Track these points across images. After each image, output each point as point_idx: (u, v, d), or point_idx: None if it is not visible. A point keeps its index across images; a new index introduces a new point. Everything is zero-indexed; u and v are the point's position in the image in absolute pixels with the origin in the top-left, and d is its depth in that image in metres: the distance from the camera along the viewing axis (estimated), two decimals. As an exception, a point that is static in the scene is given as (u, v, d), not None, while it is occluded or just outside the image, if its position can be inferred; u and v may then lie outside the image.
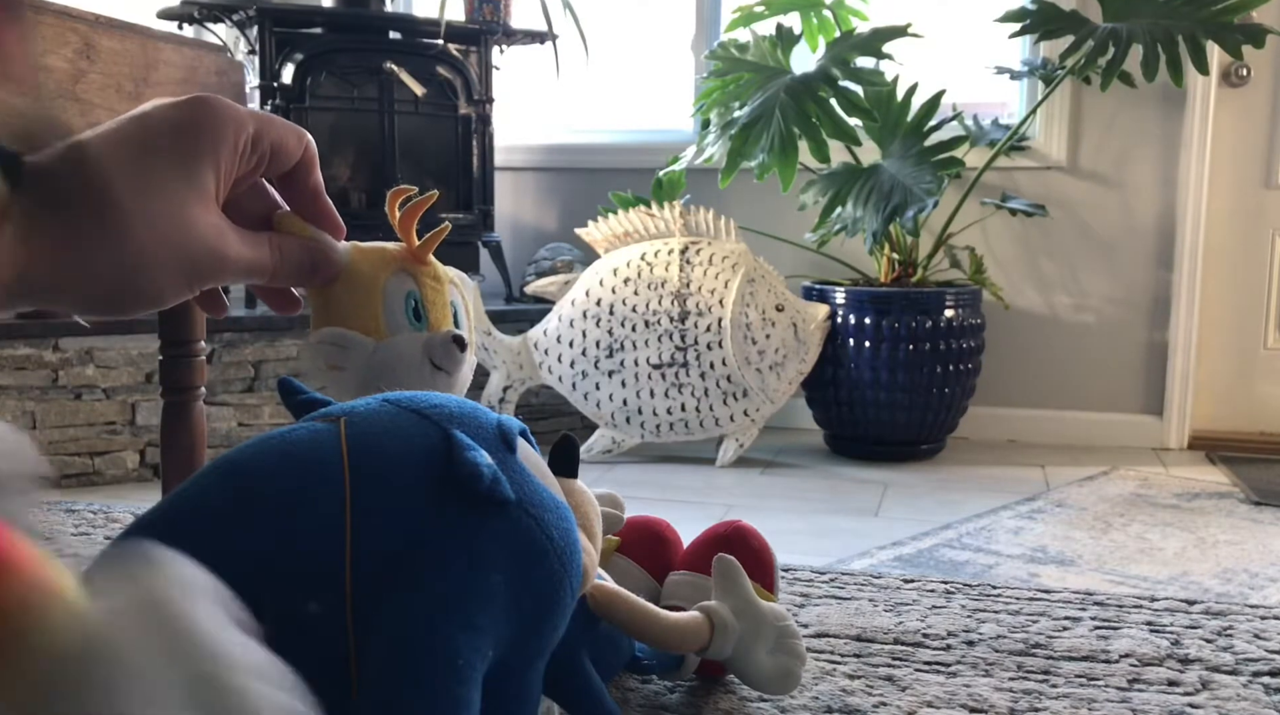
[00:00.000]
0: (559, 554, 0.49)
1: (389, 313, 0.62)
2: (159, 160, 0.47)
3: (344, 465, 0.46)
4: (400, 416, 0.49)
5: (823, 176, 2.50)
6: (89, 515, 1.80)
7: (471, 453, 0.47)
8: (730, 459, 2.38)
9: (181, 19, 2.57)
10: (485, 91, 2.72)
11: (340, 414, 0.49)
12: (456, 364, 0.63)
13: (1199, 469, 2.40)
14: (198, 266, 0.49)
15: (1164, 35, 2.21)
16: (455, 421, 0.49)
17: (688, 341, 2.37)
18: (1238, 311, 2.67)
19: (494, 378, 2.47)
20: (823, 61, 2.34)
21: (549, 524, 0.49)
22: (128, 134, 0.47)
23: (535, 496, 0.49)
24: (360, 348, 0.62)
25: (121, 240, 0.45)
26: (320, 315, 0.62)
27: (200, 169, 0.48)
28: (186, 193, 0.47)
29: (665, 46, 3.05)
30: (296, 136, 0.54)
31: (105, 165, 0.46)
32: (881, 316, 2.35)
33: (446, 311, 0.66)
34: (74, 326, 2.10)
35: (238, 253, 0.51)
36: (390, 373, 0.62)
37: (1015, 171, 2.69)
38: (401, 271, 0.64)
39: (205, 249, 0.49)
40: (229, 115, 0.49)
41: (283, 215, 0.57)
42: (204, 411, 1.21)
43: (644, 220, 2.45)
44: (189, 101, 0.49)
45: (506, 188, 2.97)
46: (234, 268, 0.51)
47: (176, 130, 0.48)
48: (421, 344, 0.63)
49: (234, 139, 0.49)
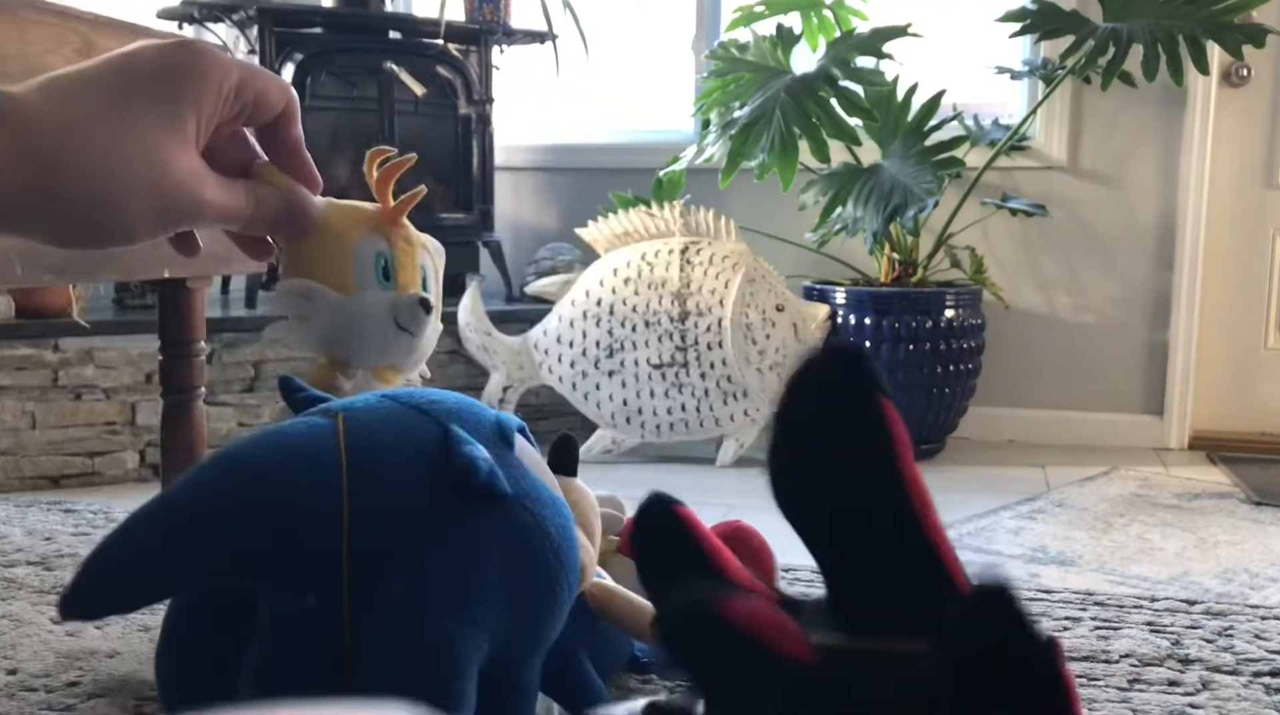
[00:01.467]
0: (556, 549, 0.49)
1: (358, 269, 0.63)
2: (140, 97, 0.47)
3: (342, 460, 0.46)
4: (398, 412, 0.49)
5: (823, 176, 2.50)
6: (89, 515, 1.79)
7: (468, 447, 0.47)
8: (730, 459, 2.38)
9: (181, 19, 2.57)
10: (485, 91, 2.72)
11: (339, 410, 0.49)
12: (420, 326, 0.64)
13: (1199, 469, 2.40)
14: (172, 206, 0.49)
15: (1164, 35, 2.21)
16: (453, 417, 0.49)
17: (688, 341, 2.37)
18: (1238, 311, 2.67)
19: (494, 378, 2.47)
20: (823, 61, 2.34)
21: (546, 519, 0.49)
22: (111, 70, 0.48)
23: (533, 492, 0.49)
24: (326, 301, 0.62)
25: (92, 170, 0.46)
26: (291, 267, 0.63)
27: (181, 110, 0.48)
28: (165, 131, 0.48)
29: (665, 46, 3.05)
30: (279, 88, 0.54)
31: (84, 97, 0.46)
32: (882, 316, 2.35)
33: (416, 274, 0.67)
34: (74, 327, 2.10)
35: (214, 197, 0.51)
36: (354, 328, 0.62)
37: (1015, 171, 2.69)
38: (374, 231, 0.65)
39: (181, 189, 0.49)
40: (214, 60, 0.50)
41: (262, 166, 0.57)
42: (204, 411, 1.21)
43: (644, 220, 2.45)
44: (176, 44, 0.49)
45: (506, 188, 2.97)
46: (209, 211, 0.51)
47: (160, 70, 0.48)
48: (388, 303, 0.64)
49: (218, 84, 0.50)
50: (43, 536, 1.63)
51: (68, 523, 1.72)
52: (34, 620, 1.22)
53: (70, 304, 2.14)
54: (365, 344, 0.63)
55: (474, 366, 2.52)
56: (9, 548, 1.56)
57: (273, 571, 0.45)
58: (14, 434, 2.08)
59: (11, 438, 2.08)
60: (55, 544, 1.59)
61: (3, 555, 1.52)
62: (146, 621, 1.21)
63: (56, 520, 1.74)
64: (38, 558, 1.51)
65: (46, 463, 2.11)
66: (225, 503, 0.45)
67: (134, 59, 0.48)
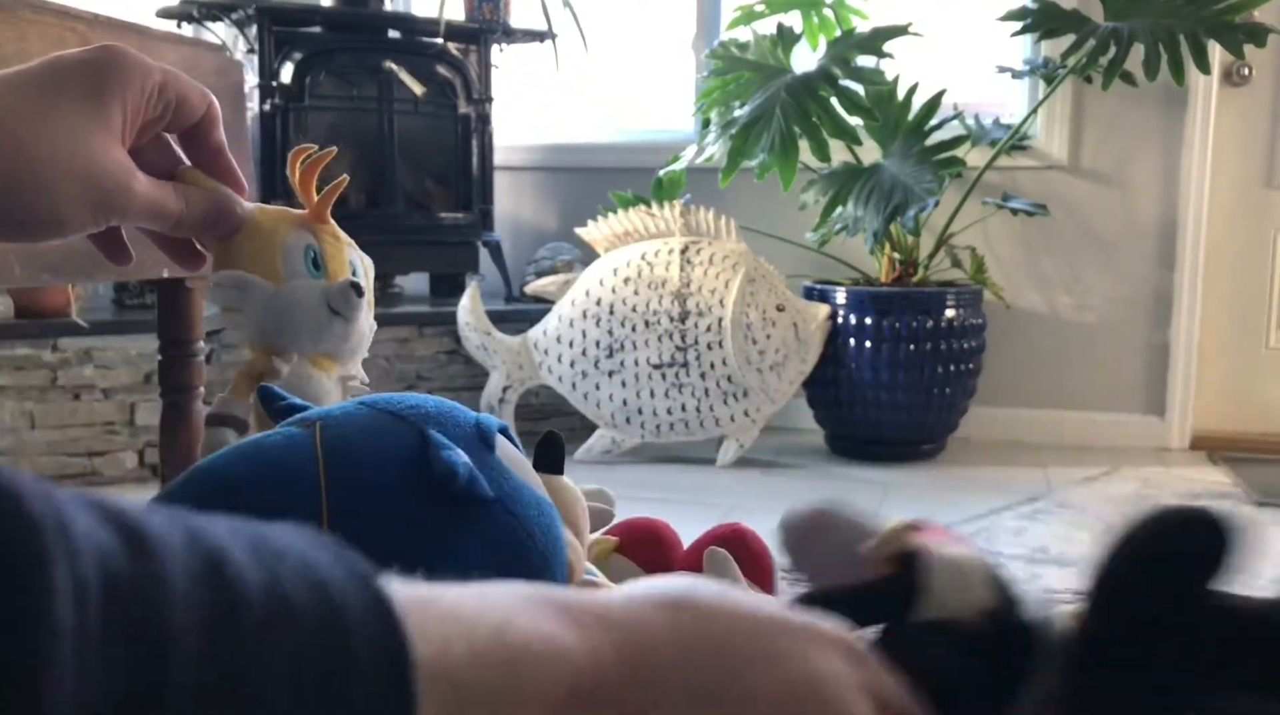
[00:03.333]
0: (541, 551, 0.49)
1: (288, 262, 0.64)
2: (66, 91, 0.49)
3: (319, 469, 0.45)
4: (376, 418, 0.49)
5: (823, 176, 2.49)
6: (88, 515, 1.79)
7: (447, 452, 0.46)
8: (730, 459, 2.38)
9: (181, 18, 2.57)
10: (485, 91, 2.72)
11: (315, 418, 0.49)
12: (354, 309, 0.65)
13: (1201, 469, 2.40)
14: (102, 196, 0.50)
15: (1165, 34, 2.20)
16: (431, 421, 0.49)
17: (688, 341, 2.37)
18: (1240, 311, 2.67)
19: (494, 378, 2.47)
20: (823, 61, 2.34)
21: (530, 520, 0.49)
22: (38, 68, 0.49)
23: (515, 494, 0.49)
24: (259, 291, 0.63)
25: (19, 154, 0.46)
26: (220, 262, 0.64)
27: (107, 104, 0.50)
28: (91, 122, 0.49)
29: (665, 46, 3.04)
30: (200, 93, 0.55)
31: (11, 91, 0.48)
32: (882, 316, 2.35)
33: (345, 266, 0.68)
34: (73, 327, 2.09)
35: (144, 189, 0.52)
36: (289, 316, 0.63)
37: (1016, 171, 2.68)
38: (301, 228, 0.66)
39: (110, 179, 0.50)
40: (137, 60, 0.51)
41: (186, 169, 0.58)
42: (203, 412, 1.20)
43: (644, 220, 2.44)
44: (97, 47, 0.51)
45: (506, 187, 2.96)
46: (139, 205, 0.52)
47: (85, 67, 0.50)
48: (320, 290, 0.64)
49: (140, 82, 0.51)
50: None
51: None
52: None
53: (69, 304, 2.13)
54: (300, 331, 0.64)
55: (474, 366, 2.52)
56: (8, 548, 1.56)
57: None
58: (13, 434, 2.08)
59: (10, 438, 2.08)
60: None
61: (1, 556, 1.52)
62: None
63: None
64: (36, 558, 1.51)
65: (45, 463, 2.10)
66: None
67: (60, 59, 0.50)
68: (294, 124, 2.55)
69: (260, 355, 0.66)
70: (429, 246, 2.73)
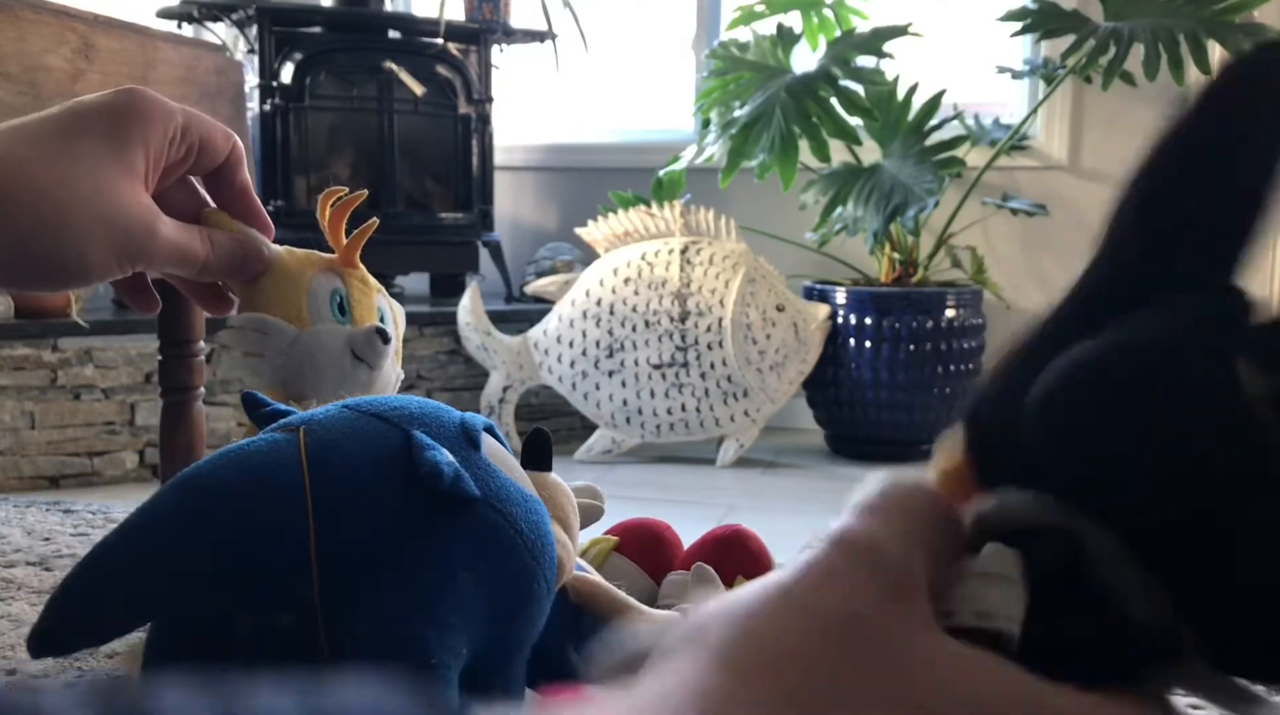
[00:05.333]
0: (529, 548, 0.49)
1: (313, 306, 0.63)
2: (89, 135, 0.48)
3: (304, 473, 0.45)
4: (359, 421, 0.49)
5: (823, 176, 2.49)
6: (88, 516, 1.79)
7: (431, 452, 0.46)
8: (730, 459, 2.38)
9: (181, 18, 2.57)
10: (485, 91, 2.72)
11: (299, 423, 0.49)
12: (378, 356, 0.63)
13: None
14: (127, 241, 0.49)
15: (1165, 34, 2.20)
16: (415, 422, 0.49)
17: (688, 341, 2.37)
18: (1239, 311, 2.67)
19: (494, 378, 2.47)
20: (823, 61, 2.34)
21: (517, 518, 0.49)
22: (61, 113, 0.49)
23: (502, 492, 0.49)
24: (281, 334, 0.62)
25: (43, 198, 0.46)
26: (245, 304, 0.63)
27: (130, 147, 0.49)
28: (115, 166, 0.48)
29: (665, 46, 3.04)
30: (224, 134, 0.55)
31: (34, 135, 0.47)
32: (882, 316, 2.35)
33: (373, 312, 0.66)
34: (73, 326, 2.09)
35: (169, 234, 0.51)
36: (311, 361, 0.62)
37: (1016, 171, 2.68)
38: (329, 271, 0.64)
39: (134, 221, 0.49)
40: (158, 104, 0.50)
41: (211, 212, 0.57)
42: (203, 412, 1.20)
43: (644, 220, 2.44)
44: (118, 90, 0.50)
45: (506, 187, 2.96)
46: (164, 249, 0.51)
47: (106, 113, 0.49)
48: (345, 335, 0.63)
49: (163, 125, 0.50)
50: (42, 537, 1.63)
51: (67, 523, 1.72)
52: (33, 621, 1.22)
53: (69, 304, 2.13)
54: (321, 376, 0.62)
55: (473, 366, 2.52)
56: (8, 548, 1.56)
57: (242, 592, 0.45)
58: (13, 434, 2.08)
59: (10, 438, 2.08)
60: (54, 544, 1.58)
61: (1, 555, 1.52)
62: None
63: (55, 520, 1.74)
64: (37, 558, 1.51)
65: (45, 463, 2.10)
66: (187, 527, 0.45)
67: (82, 103, 0.49)
68: (294, 124, 2.55)
69: (280, 401, 0.65)
70: (429, 246, 2.73)
